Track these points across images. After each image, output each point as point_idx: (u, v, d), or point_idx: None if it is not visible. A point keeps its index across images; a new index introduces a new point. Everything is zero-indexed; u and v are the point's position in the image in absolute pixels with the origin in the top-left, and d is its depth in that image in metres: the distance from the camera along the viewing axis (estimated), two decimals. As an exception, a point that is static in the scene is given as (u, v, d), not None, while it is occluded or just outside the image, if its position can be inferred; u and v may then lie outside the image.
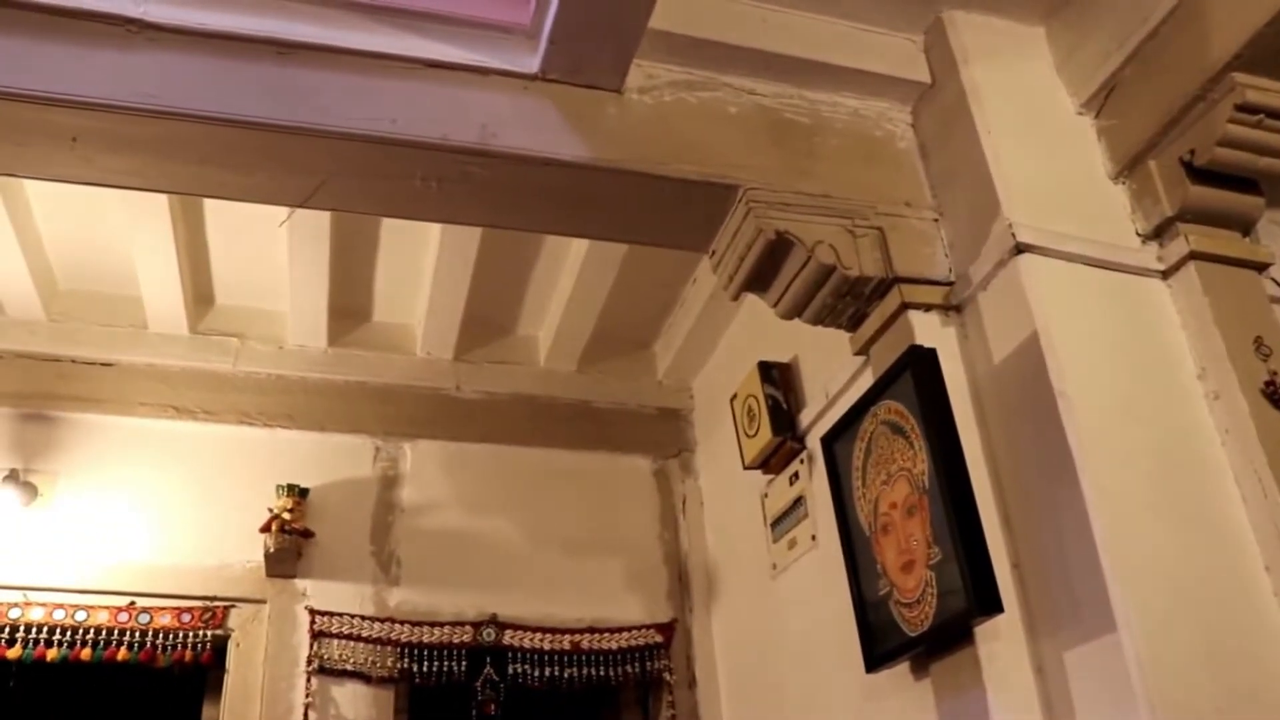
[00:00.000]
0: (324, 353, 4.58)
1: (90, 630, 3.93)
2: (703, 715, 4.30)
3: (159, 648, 3.95)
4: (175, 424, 4.37)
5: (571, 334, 4.58)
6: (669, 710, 4.25)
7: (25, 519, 4.06)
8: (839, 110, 3.04)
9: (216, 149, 2.61)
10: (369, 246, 4.27)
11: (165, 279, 4.17)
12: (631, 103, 2.81)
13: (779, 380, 3.82)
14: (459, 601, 4.27)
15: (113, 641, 3.92)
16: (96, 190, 3.11)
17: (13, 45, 2.45)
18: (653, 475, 4.77)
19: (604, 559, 4.51)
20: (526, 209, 2.89)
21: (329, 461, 4.42)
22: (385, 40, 2.65)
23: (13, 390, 4.27)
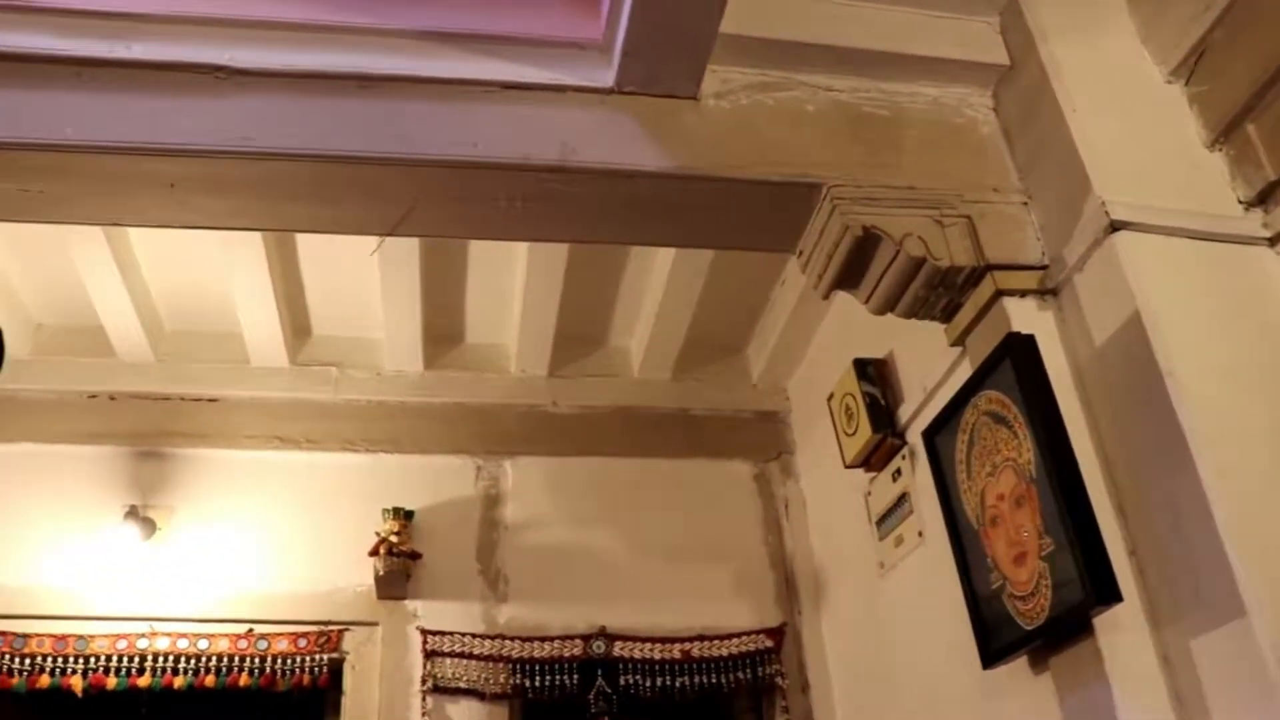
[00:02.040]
0: (421, 376, 4.66)
1: (213, 658, 4.06)
2: (817, 719, 4.26)
3: (278, 672, 4.06)
4: (281, 454, 4.49)
5: (663, 343, 4.58)
6: (783, 715, 4.21)
7: (146, 553, 4.22)
8: (918, 100, 3.00)
9: (306, 185, 2.68)
10: (458, 269, 4.33)
11: (264, 314, 4.29)
12: (709, 109, 2.81)
13: (875, 377, 3.78)
14: (568, 615, 4.29)
15: (234, 668, 4.05)
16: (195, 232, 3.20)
17: (111, 101, 2.55)
18: (753, 479, 4.75)
19: (709, 566, 4.50)
20: (611, 222, 2.91)
21: (432, 483, 4.49)
22: (462, 66, 2.69)
23: (128, 430, 4.44)
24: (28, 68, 2.55)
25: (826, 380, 4.10)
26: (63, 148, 2.53)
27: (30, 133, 2.52)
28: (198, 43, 2.61)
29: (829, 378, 4.07)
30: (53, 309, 4.53)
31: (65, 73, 2.56)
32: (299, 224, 3.09)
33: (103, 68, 2.57)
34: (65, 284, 4.27)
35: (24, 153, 2.53)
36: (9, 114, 2.52)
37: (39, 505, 4.29)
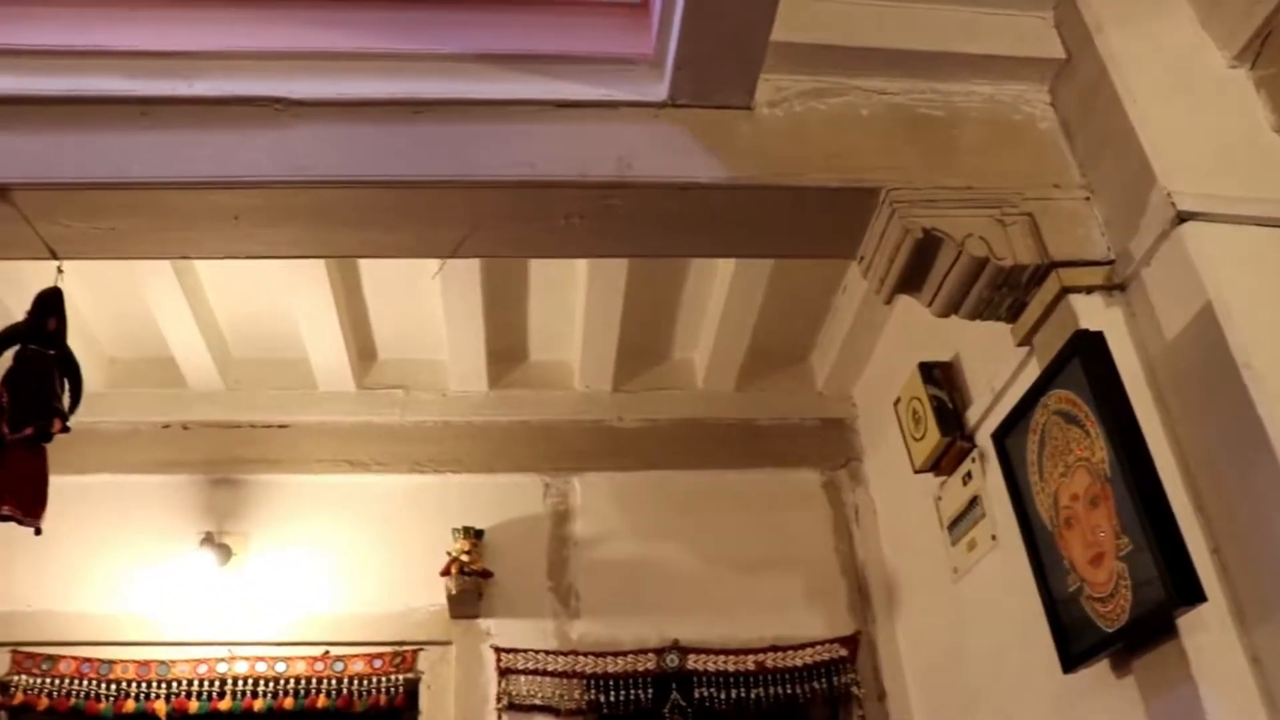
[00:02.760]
0: (486, 396, 4.70)
1: (291, 680, 4.13)
2: (897, 727, 4.21)
3: (355, 693, 4.11)
4: (351, 477, 4.55)
5: (727, 353, 4.57)
6: (860, 724, 4.18)
7: (223, 578, 4.29)
8: (973, 99, 2.96)
9: (366, 211, 2.71)
10: (519, 288, 4.36)
11: (329, 339, 4.35)
12: (763, 117, 2.80)
13: (941, 380, 3.74)
14: (640, 629, 4.29)
15: (312, 690, 4.11)
16: (260, 262, 3.26)
17: (175, 138, 2.61)
18: (822, 487, 4.71)
19: (780, 576, 4.48)
20: (670, 235, 2.91)
21: (501, 501, 4.52)
22: (515, 86, 2.71)
23: (201, 458, 4.53)
24: (96, 109, 2.62)
25: (892, 385, 4.07)
26: (130, 185, 2.60)
27: (99, 172, 2.59)
28: (256, 77, 2.66)
29: (895, 382, 4.03)
30: (125, 342, 4.64)
31: (131, 112, 2.63)
32: (361, 250, 3.13)
33: (166, 105, 2.63)
34: (136, 317, 4.37)
35: (94, 192, 2.61)
36: (80, 155, 2.60)
37: (118, 534, 4.39)
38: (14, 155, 2.60)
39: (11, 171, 2.59)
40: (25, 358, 3.05)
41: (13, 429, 2.98)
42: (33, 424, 3.00)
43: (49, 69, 2.65)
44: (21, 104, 2.62)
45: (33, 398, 3.02)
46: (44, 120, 2.62)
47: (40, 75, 2.64)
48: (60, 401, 3.10)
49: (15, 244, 2.76)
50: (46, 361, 3.07)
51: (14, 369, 3.05)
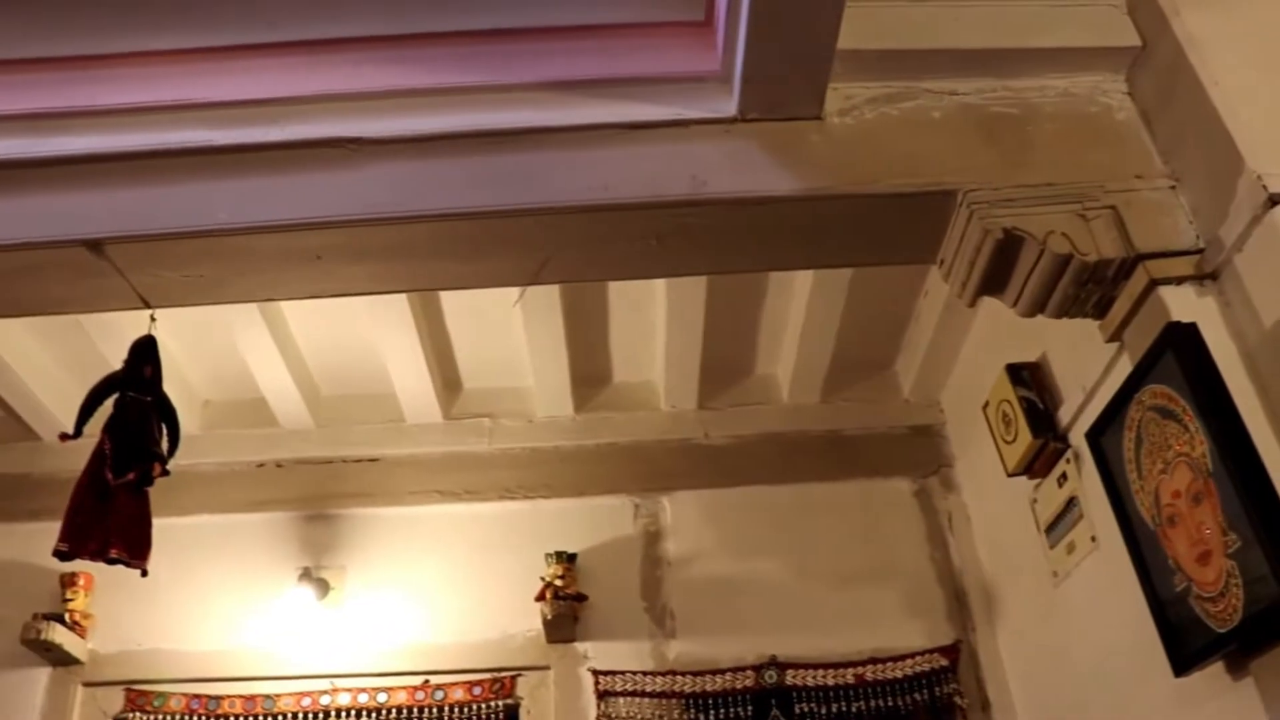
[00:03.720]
0: (572, 420, 4.73)
1: (393, 710, 4.19)
2: (1004, 737, 4.13)
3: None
4: (442, 507, 4.61)
5: (810, 366, 4.54)
6: (966, 736, 4.11)
7: (322, 612, 4.36)
8: (1047, 94, 2.92)
9: (445, 243, 2.75)
10: (600, 311, 4.38)
11: (415, 372, 4.42)
12: (833, 127, 2.79)
13: (1030, 381, 3.67)
14: (737, 647, 4.27)
15: (414, 719, 4.13)
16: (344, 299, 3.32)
17: (256, 183, 2.69)
18: (914, 496, 4.65)
19: (876, 587, 4.42)
20: (746, 250, 2.90)
21: (592, 524, 4.53)
22: (585, 112, 2.73)
23: (296, 495, 4.62)
24: (179, 161, 2.71)
25: (980, 388, 4.00)
26: (215, 232, 2.67)
27: (186, 222, 2.67)
28: (330, 119, 2.73)
29: (982, 386, 3.97)
30: (218, 385, 4.76)
31: (212, 162, 2.71)
32: (441, 282, 3.18)
33: (245, 153, 2.71)
34: (227, 360, 4.48)
35: (181, 241, 2.69)
36: (166, 206, 2.69)
37: (220, 573, 4.49)
38: (105, 211, 2.70)
39: (104, 226, 2.68)
40: (125, 405, 3.15)
41: (117, 474, 3.09)
42: (135, 469, 3.10)
43: (133, 125, 2.75)
44: (110, 160, 2.72)
45: (134, 443, 3.12)
46: (131, 175, 2.72)
47: (126, 132, 2.74)
48: (159, 446, 3.19)
49: (110, 295, 2.87)
50: (145, 408, 3.17)
51: (115, 416, 3.15)
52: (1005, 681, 4.18)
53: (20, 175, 2.74)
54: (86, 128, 2.78)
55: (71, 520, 3.12)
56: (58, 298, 2.97)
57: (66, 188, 2.73)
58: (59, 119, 2.78)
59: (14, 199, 2.73)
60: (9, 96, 2.80)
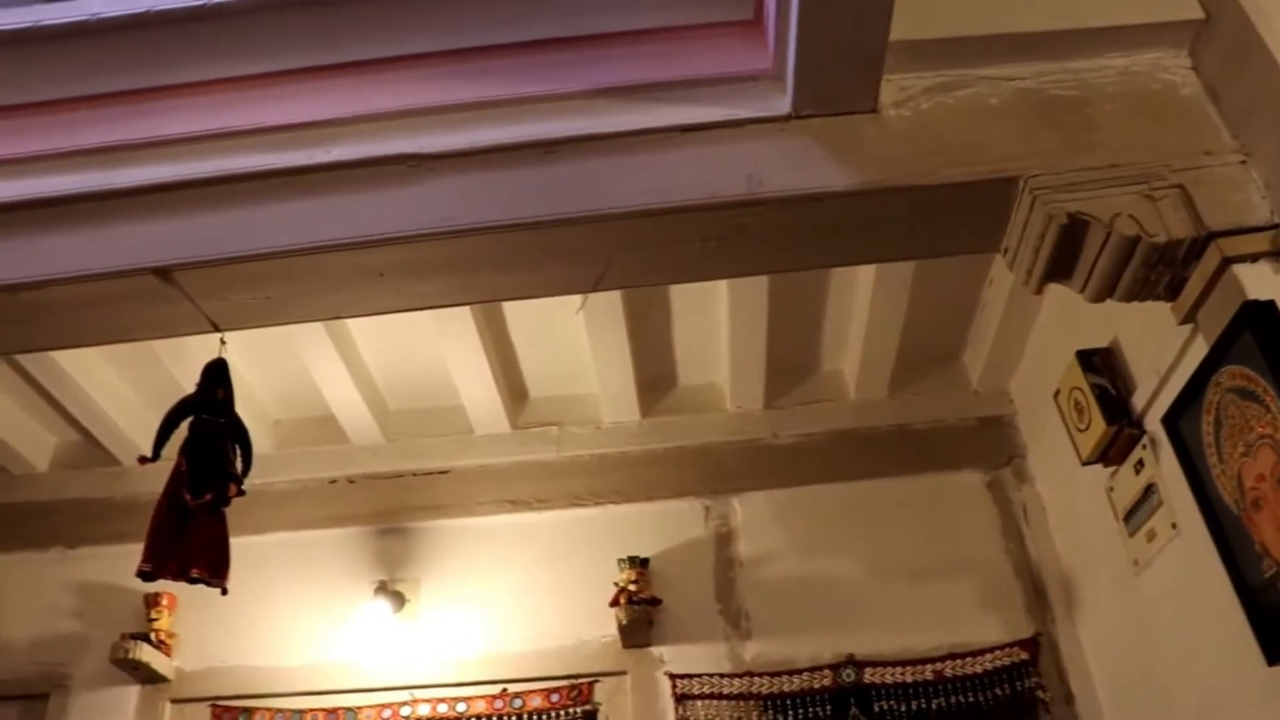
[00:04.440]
0: (639, 425, 4.74)
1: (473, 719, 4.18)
2: (1089, 731, 4.05)
3: (537, 728, 4.16)
4: (513, 517, 4.64)
5: (876, 360, 4.51)
6: (1050, 730, 4.04)
7: (398, 624, 4.41)
8: (1107, 73, 2.86)
9: (506, 254, 2.77)
10: (662, 315, 4.39)
11: (481, 383, 4.45)
12: (889, 119, 2.76)
13: (1102, 366, 3.61)
14: (813, 646, 4.25)
15: (494, 727, 4.18)
16: (408, 314, 3.35)
17: (318, 204, 2.73)
18: (986, 488, 4.59)
19: (952, 581, 4.37)
20: (806, 247, 2.89)
21: (663, 528, 4.53)
22: (639, 117, 2.73)
23: (369, 510, 4.68)
24: (242, 186, 2.76)
25: (1050, 377, 3.95)
26: (280, 254, 2.71)
27: (251, 245, 2.72)
28: (387, 137, 2.76)
29: (1053, 374, 3.91)
30: (288, 404, 4.84)
31: (274, 185, 2.75)
32: (504, 293, 3.20)
33: (305, 174, 2.75)
34: (296, 379, 4.55)
35: (247, 264, 2.73)
36: (231, 231, 2.73)
37: (297, 589, 4.57)
38: (172, 238, 2.75)
39: (172, 254, 2.74)
40: (199, 427, 3.21)
41: (194, 495, 3.14)
42: (211, 490, 3.15)
43: (196, 154, 2.81)
44: (175, 189, 2.78)
45: (209, 465, 3.18)
46: (196, 202, 2.77)
47: (189, 160, 2.80)
48: (234, 466, 3.25)
49: (180, 321, 2.93)
50: (218, 429, 3.22)
51: (190, 439, 3.21)
52: (1088, 674, 4.11)
53: (89, 208, 2.81)
54: (150, 159, 2.84)
55: (153, 542, 3.19)
56: (130, 325, 3.04)
57: (134, 218, 2.80)
58: (124, 151, 2.85)
59: (84, 232, 2.81)
60: (76, 133, 2.88)
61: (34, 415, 4.87)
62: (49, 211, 2.83)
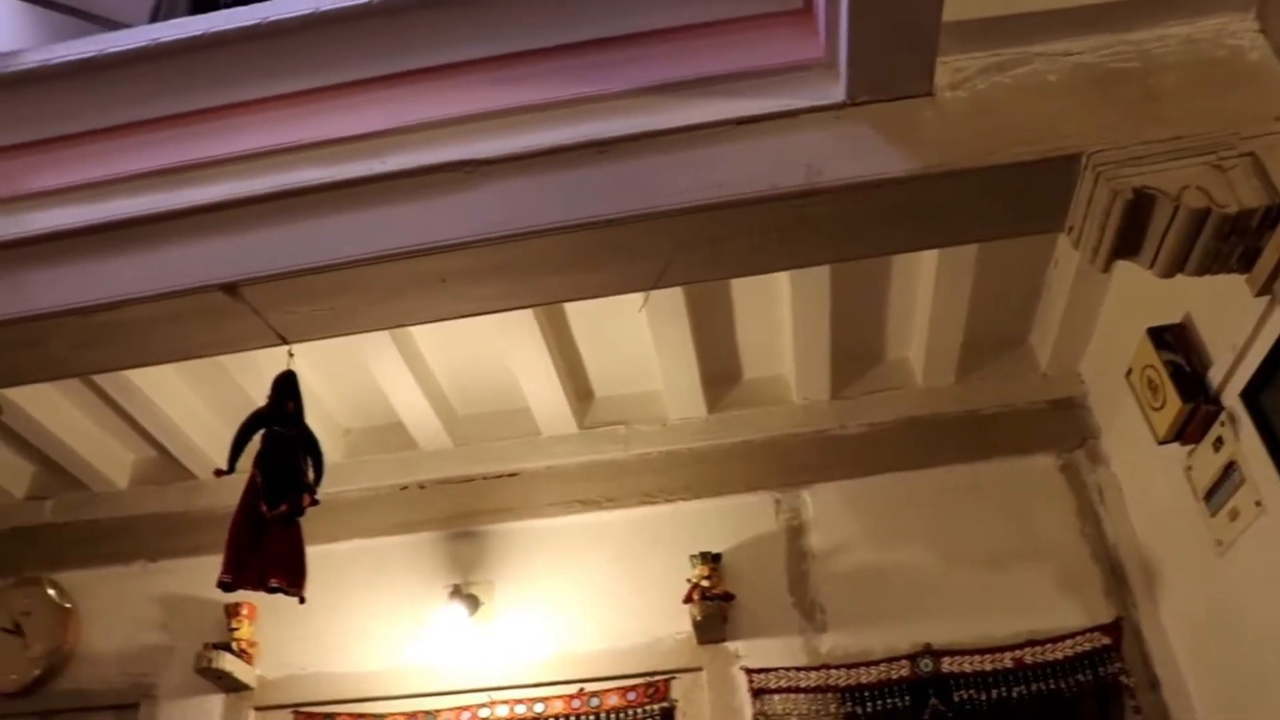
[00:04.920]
0: (706, 420, 4.73)
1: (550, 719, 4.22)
2: (1176, 718, 3.96)
3: (614, 727, 4.18)
4: (584, 517, 4.66)
5: (942, 347, 4.46)
6: (1135, 716, 3.95)
7: (474, 627, 4.45)
8: (1169, 43, 2.79)
9: (566, 255, 2.78)
10: (725, 309, 4.38)
11: (547, 385, 4.48)
12: (946, 102, 2.72)
13: (1174, 343, 3.54)
14: (890, 637, 4.22)
15: (578, 727, 4.21)
16: (471, 319, 3.38)
17: (377, 214, 2.76)
18: (1059, 471, 4.52)
19: (1028, 567, 4.31)
20: (867, 235, 2.86)
21: (734, 523, 4.53)
22: (693, 112, 2.72)
23: (440, 514, 4.74)
24: (303, 199, 2.79)
25: (1121, 356, 3.87)
26: (342, 265, 2.74)
27: (314, 257, 2.75)
28: (442, 144, 2.77)
29: (1124, 352, 3.84)
30: (357, 413, 4.91)
31: (333, 197, 2.78)
32: (565, 294, 3.21)
33: (363, 185, 2.77)
34: (364, 388, 4.61)
35: (311, 276, 2.77)
36: (294, 245, 2.77)
37: (373, 595, 4.63)
38: (238, 255, 2.80)
39: (238, 270, 2.78)
40: (271, 439, 3.26)
41: (270, 507, 3.19)
42: (286, 501, 3.20)
43: (256, 170, 2.85)
44: (237, 206, 2.82)
45: (283, 476, 3.23)
46: (259, 218, 2.81)
47: (249, 177, 2.84)
48: (307, 477, 3.29)
49: (249, 336, 2.98)
50: (290, 441, 3.28)
51: (263, 451, 3.26)
52: (1173, 658, 4.03)
53: (155, 229, 2.87)
54: (213, 177, 2.89)
55: (232, 552, 3.25)
56: (199, 342, 3.10)
57: (199, 236, 2.85)
58: (187, 172, 2.90)
59: (152, 252, 2.86)
60: (141, 156, 2.94)
61: (112, 434, 5.00)
62: (117, 234, 2.89)
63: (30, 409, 4.56)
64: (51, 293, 2.90)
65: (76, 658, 4.85)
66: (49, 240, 2.92)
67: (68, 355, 3.08)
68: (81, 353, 3.07)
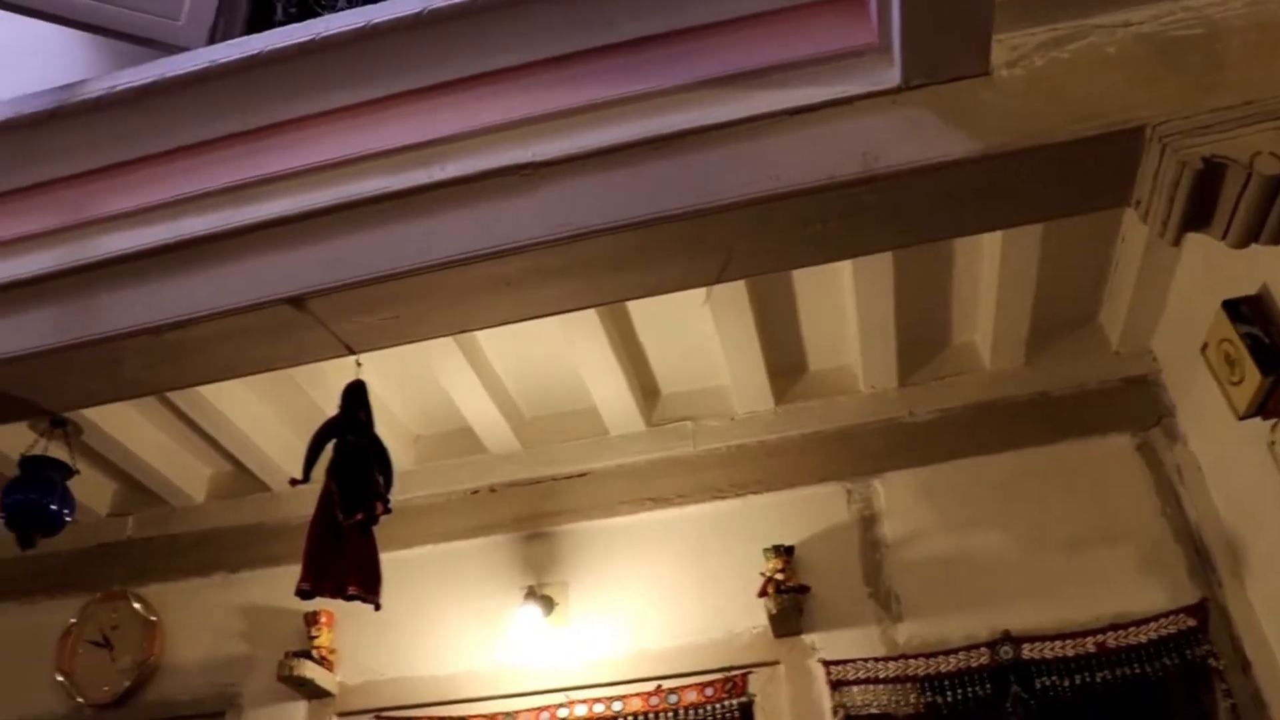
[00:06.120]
0: (774, 413, 4.72)
1: (628, 717, 4.29)
2: (1269, 700, 3.85)
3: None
4: (655, 514, 4.66)
5: (1010, 329, 4.40)
6: (1225, 700, 3.85)
7: (550, 628, 4.47)
8: (1232, 6, 2.70)
9: (627, 254, 2.78)
10: (788, 300, 4.36)
11: (613, 385, 4.49)
12: (1003, 80, 2.68)
13: (1251, 315, 3.46)
14: (968, 624, 4.17)
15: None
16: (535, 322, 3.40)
17: (439, 221, 2.78)
18: (1136, 451, 4.43)
19: (1107, 550, 4.24)
20: (929, 220, 2.83)
21: (805, 515, 4.51)
22: (746, 104, 2.70)
23: (512, 517, 4.77)
24: (364, 210, 2.82)
25: (1196, 330, 3.79)
26: (407, 273, 2.77)
27: (377, 267, 2.78)
28: (499, 148, 2.79)
29: (1198, 327, 3.76)
30: (426, 420, 4.96)
31: (394, 206, 2.81)
32: (628, 292, 3.21)
33: (424, 193, 2.80)
34: (431, 395, 4.66)
35: (375, 286, 2.80)
36: (357, 255, 2.81)
37: (448, 600, 4.68)
38: (303, 268, 2.84)
39: (304, 283, 2.83)
40: (343, 448, 3.30)
41: (346, 515, 3.23)
42: (361, 509, 3.24)
43: (316, 184, 2.89)
44: (300, 220, 2.87)
45: (356, 485, 3.27)
46: (321, 230, 2.85)
47: (311, 191, 2.88)
48: (379, 485, 3.32)
49: (316, 347, 3.03)
50: (361, 449, 3.31)
51: (336, 460, 3.31)
52: (1264, 639, 3.92)
53: (221, 246, 2.92)
54: (275, 193, 2.93)
55: (309, 561, 3.30)
56: (269, 355, 3.15)
57: (264, 251, 2.89)
58: (249, 188, 2.95)
59: (218, 269, 2.92)
60: (204, 175, 2.99)
61: (188, 449, 5.10)
62: (185, 253, 2.95)
63: (109, 428, 4.68)
64: (124, 313, 2.97)
65: (163, 669, 4.97)
66: (120, 262, 2.99)
67: (142, 374, 3.15)
68: (155, 371, 3.14)
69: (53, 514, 4.43)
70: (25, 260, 3.09)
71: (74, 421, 4.56)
